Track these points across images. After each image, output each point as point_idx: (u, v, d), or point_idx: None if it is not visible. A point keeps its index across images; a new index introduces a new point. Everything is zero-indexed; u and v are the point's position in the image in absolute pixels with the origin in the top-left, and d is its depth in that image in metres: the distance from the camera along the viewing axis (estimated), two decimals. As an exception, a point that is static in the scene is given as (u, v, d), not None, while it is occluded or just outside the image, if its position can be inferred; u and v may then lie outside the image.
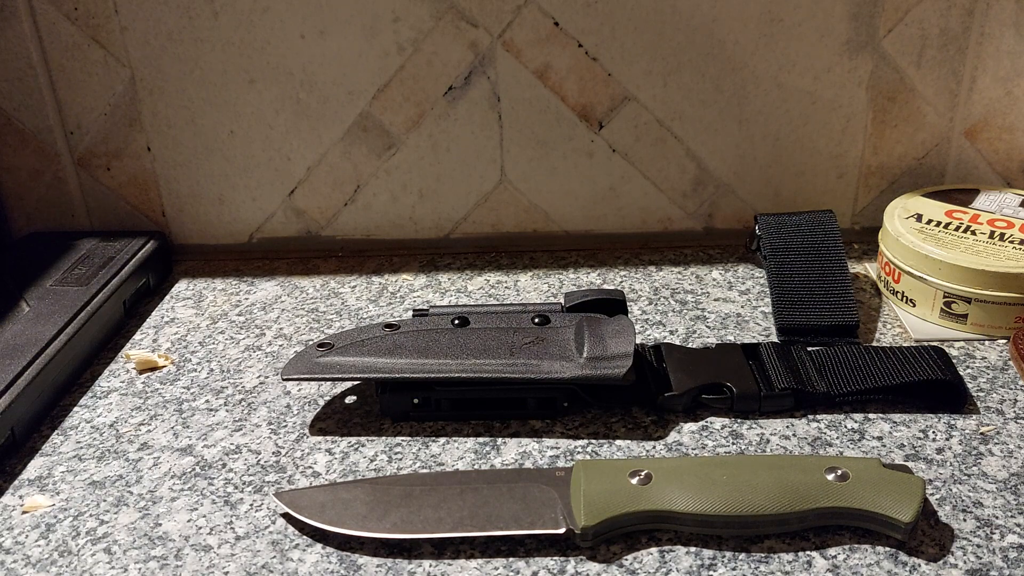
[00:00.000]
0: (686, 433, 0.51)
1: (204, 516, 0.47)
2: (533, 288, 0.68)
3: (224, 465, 0.51)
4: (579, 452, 0.50)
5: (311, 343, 0.59)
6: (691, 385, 0.53)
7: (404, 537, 0.44)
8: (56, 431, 0.54)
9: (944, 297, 0.59)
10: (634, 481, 0.44)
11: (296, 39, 0.66)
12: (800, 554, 0.43)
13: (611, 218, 0.72)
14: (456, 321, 0.56)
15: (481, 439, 0.52)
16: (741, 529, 0.44)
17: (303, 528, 0.45)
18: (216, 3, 0.65)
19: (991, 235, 0.60)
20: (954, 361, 0.55)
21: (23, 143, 0.71)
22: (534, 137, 0.69)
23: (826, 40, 0.66)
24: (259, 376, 0.59)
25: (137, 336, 0.64)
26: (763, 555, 0.43)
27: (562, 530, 0.43)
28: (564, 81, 0.67)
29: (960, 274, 0.58)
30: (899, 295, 0.62)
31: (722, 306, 0.64)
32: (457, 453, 0.51)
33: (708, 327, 0.62)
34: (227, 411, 0.55)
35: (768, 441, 0.50)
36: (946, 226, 0.62)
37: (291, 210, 0.73)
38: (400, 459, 0.50)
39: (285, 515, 0.46)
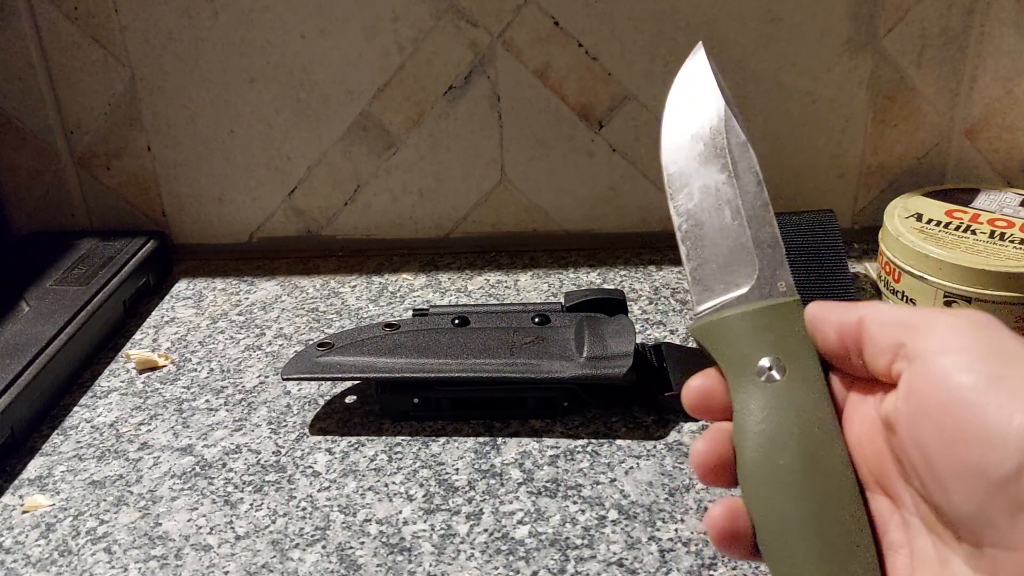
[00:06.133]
0: (686, 433, 0.51)
1: (204, 516, 0.47)
2: (533, 288, 0.68)
3: (224, 465, 0.51)
4: (579, 452, 0.50)
5: (311, 343, 0.59)
6: (691, 385, 0.53)
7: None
8: (56, 431, 0.54)
9: (944, 297, 0.59)
10: None
11: (296, 39, 0.66)
12: (800, 554, 0.43)
13: (611, 218, 0.72)
14: (456, 321, 0.56)
15: (481, 439, 0.52)
16: None
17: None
18: (216, 3, 0.65)
19: (991, 235, 0.60)
20: (954, 361, 0.55)
21: (23, 143, 0.71)
22: (534, 137, 0.69)
23: (826, 40, 0.66)
24: (259, 376, 0.59)
25: (137, 336, 0.64)
26: (763, 555, 0.43)
27: None
28: (564, 81, 0.67)
29: (960, 274, 0.58)
30: (899, 295, 0.62)
31: (722, 306, 0.64)
32: (457, 453, 0.51)
33: (708, 327, 0.62)
34: (227, 411, 0.55)
35: (768, 441, 0.50)
36: (946, 226, 0.62)
37: (291, 210, 0.73)
38: (400, 458, 0.50)
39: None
